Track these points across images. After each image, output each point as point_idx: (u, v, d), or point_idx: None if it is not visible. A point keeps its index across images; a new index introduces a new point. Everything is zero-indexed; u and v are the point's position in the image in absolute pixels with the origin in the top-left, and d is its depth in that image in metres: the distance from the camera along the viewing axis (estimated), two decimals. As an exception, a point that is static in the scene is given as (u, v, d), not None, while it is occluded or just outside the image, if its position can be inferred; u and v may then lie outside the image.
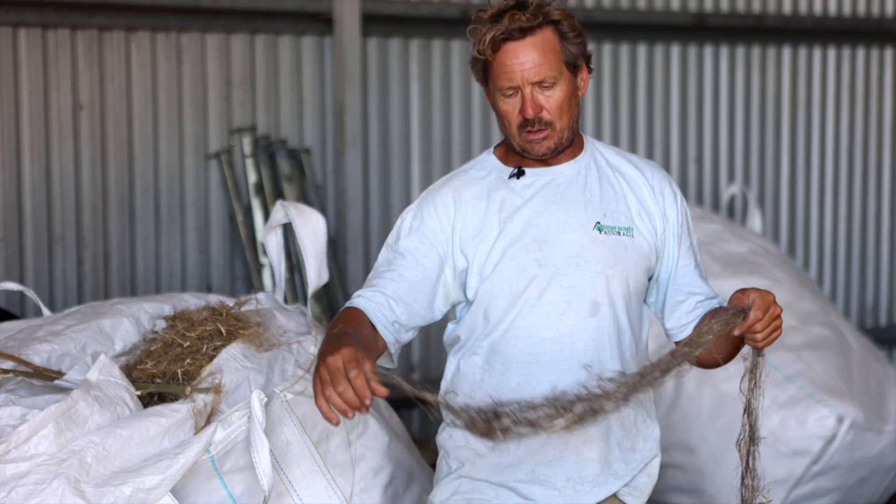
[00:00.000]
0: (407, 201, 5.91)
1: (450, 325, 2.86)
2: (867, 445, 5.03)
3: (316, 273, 3.34)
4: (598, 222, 2.76)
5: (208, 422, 2.89)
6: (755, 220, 6.21)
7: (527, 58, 2.66)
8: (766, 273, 5.48)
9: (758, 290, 2.62)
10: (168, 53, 5.38)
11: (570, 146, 2.79)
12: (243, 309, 3.25)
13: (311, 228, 3.35)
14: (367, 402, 2.25)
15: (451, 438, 2.81)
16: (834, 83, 7.03)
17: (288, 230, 3.60)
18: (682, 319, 2.81)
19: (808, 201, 7.02)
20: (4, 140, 5.10)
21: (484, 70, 2.73)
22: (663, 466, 5.09)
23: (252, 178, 5.50)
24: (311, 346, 3.21)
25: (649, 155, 6.57)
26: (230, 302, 3.28)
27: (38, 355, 3.13)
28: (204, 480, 2.85)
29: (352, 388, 2.25)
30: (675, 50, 6.61)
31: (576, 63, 2.74)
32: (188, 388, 2.91)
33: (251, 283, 5.46)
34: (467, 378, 2.80)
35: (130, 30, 5.30)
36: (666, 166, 6.61)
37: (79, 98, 5.23)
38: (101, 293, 5.27)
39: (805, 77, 6.95)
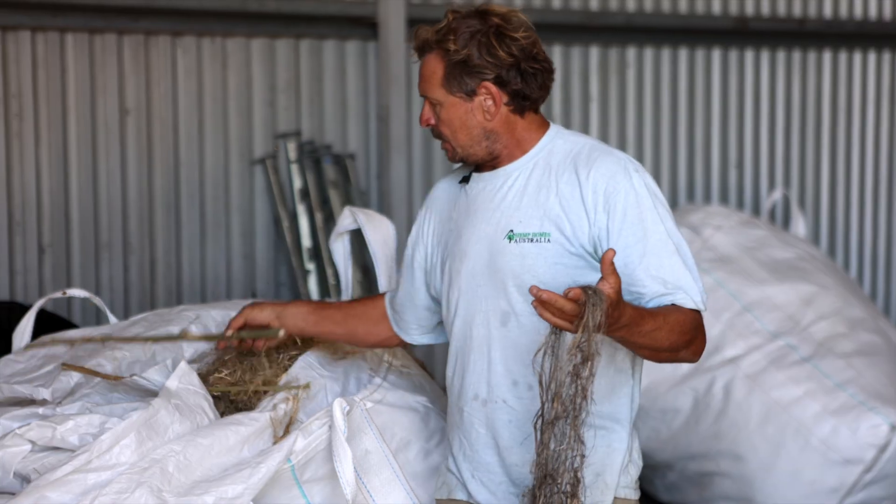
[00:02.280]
0: (450, 206, 5.88)
1: None
2: (922, 453, 4.99)
3: (386, 279, 3.32)
4: (512, 230, 2.73)
5: (287, 431, 2.86)
6: (799, 226, 6.17)
7: (421, 72, 2.76)
8: (813, 279, 5.44)
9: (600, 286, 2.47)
10: (213, 58, 5.36)
11: (495, 158, 2.78)
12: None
13: (381, 235, 3.33)
14: None
15: None
16: (874, 87, 6.99)
17: (353, 237, 3.56)
18: None
19: (848, 206, 6.98)
20: (52, 145, 5.09)
21: None
22: (711, 475, 5.11)
23: (297, 183, 5.47)
24: (385, 354, 3.18)
25: (690, 160, 6.54)
26: (303, 309, 3.24)
27: (110, 362, 3.10)
28: (284, 490, 2.83)
29: None
30: (717, 54, 6.59)
31: (469, 89, 2.71)
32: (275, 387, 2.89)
33: (296, 289, 5.44)
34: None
35: (176, 34, 5.28)
36: (707, 171, 6.58)
37: (125, 103, 5.21)
38: (147, 299, 5.25)
39: (846, 81, 6.92)
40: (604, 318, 2.40)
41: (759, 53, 6.69)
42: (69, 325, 4.10)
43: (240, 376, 2.96)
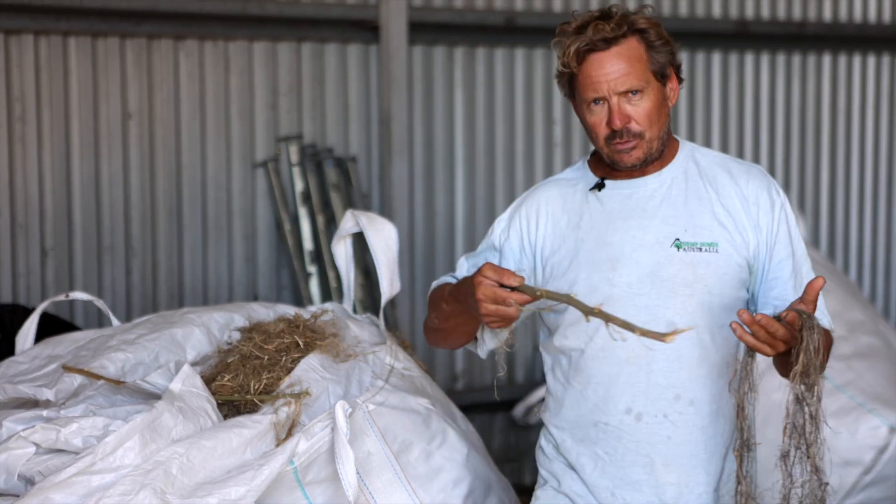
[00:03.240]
0: (451, 209, 5.90)
1: (542, 333, 2.86)
2: (921, 455, 5.00)
3: (388, 282, 3.34)
4: (678, 238, 2.68)
5: (289, 433, 2.88)
6: (800, 229, 6.18)
7: (612, 68, 2.63)
8: (813, 281, 5.45)
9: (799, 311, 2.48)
10: (215, 62, 5.37)
11: (659, 157, 2.73)
12: (320, 320, 3.23)
13: (384, 238, 3.34)
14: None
15: (543, 453, 2.86)
16: (874, 90, 7.01)
17: (355, 240, 3.58)
18: None
19: (848, 209, 6.99)
20: (54, 148, 5.10)
21: (570, 83, 2.71)
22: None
23: (299, 186, 5.48)
24: (387, 357, 3.20)
25: (690, 162, 6.55)
26: (305, 313, 3.26)
27: (113, 364, 3.12)
28: (286, 492, 2.84)
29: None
30: (717, 57, 6.60)
31: (663, 72, 2.69)
32: (273, 395, 2.90)
33: (298, 292, 5.45)
34: (551, 394, 2.82)
35: (178, 38, 5.29)
36: (707, 174, 6.59)
37: (128, 107, 5.22)
38: (148, 302, 5.26)
39: (846, 84, 6.93)
40: (821, 343, 2.38)
41: (759, 56, 6.71)
42: (72, 327, 4.12)
43: (242, 380, 2.97)
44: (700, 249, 2.67)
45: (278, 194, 5.46)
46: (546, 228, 2.77)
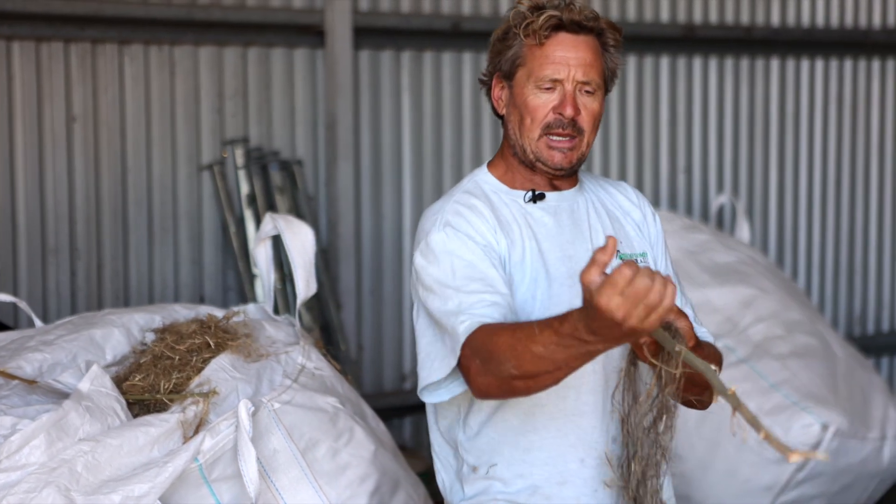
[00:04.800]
0: (398, 212, 5.96)
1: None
2: (851, 452, 5.09)
3: (304, 284, 3.40)
4: (618, 251, 2.51)
5: (197, 431, 2.94)
6: (743, 230, 6.27)
7: (580, 53, 2.44)
8: (753, 282, 5.54)
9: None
10: (161, 66, 5.43)
11: (575, 172, 2.56)
12: (233, 321, 3.30)
13: (300, 240, 3.41)
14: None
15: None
16: (822, 94, 7.09)
17: (278, 242, 3.65)
18: None
19: (796, 211, 7.07)
20: (-1, 152, 5.15)
21: (515, 60, 2.48)
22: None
23: (244, 189, 5.55)
24: (300, 357, 3.26)
25: (639, 165, 6.63)
26: (219, 314, 3.33)
27: (30, 364, 3.17)
28: (192, 489, 2.91)
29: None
30: (665, 61, 6.68)
31: (608, 83, 2.54)
32: (181, 395, 2.96)
33: (244, 293, 5.51)
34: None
35: (123, 43, 5.35)
36: (655, 177, 6.67)
37: (72, 110, 5.28)
38: (94, 304, 5.31)
39: (793, 88, 7.02)
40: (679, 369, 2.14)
41: (707, 60, 6.79)
42: (4, 327, 4.17)
43: (153, 380, 3.04)
44: (637, 261, 2.52)
45: (224, 197, 5.52)
46: (501, 233, 2.46)
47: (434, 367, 2.37)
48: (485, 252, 2.41)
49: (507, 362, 2.20)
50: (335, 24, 5.65)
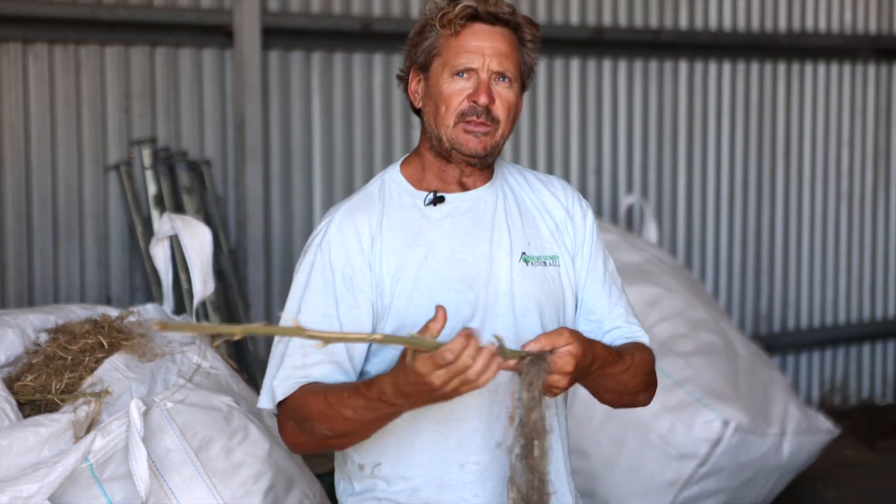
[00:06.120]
0: (308, 212, 5.97)
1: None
2: (752, 448, 5.19)
3: (201, 284, 3.40)
4: (524, 253, 2.50)
5: (88, 431, 2.94)
6: (651, 231, 6.36)
7: (494, 43, 2.47)
8: (658, 282, 5.62)
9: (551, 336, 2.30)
10: (66, 65, 5.39)
11: (491, 163, 2.56)
12: (127, 321, 3.29)
13: (198, 241, 3.41)
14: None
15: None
16: (729, 97, 7.21)
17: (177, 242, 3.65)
18: None
19: (704, 212, 7.18)
20: None
21: (430, 51, 2.50)
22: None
23: (152, 189, 5.52)
24: (195, 356, 3.27)
25: (549, 166, 6.69)
26: (114, 314, 3.33)
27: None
28: (84, 488, 2.90)
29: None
30: (575, 64, 6.75)
31: (524, 78, 2.55)
32: (73, 395, 2.95)
33: (151, 294, 5.49)
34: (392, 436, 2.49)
35: (27, 42, 5.30)
36: (566, 177, 6.73)
37: (-25, 110, 5.22)
38: (-3, 305, 5.27)
39: (701, 90, 7.13)
40: (540, 389, 2.20)
41: (617, 63, 6.87)
42: None
43: (45, 380, 3.03)
44: (545, 264, 2.52)
45: (131, 197, 5.49)
46: (383, 246, 2.46)
47: (263, 390, 2.47)
48: (336, 290, 2.43)
49: (321, 425, 2.34)
50: (244, 24, 5.64)
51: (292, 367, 2.39)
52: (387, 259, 2.45)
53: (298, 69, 5.94)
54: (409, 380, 2.16)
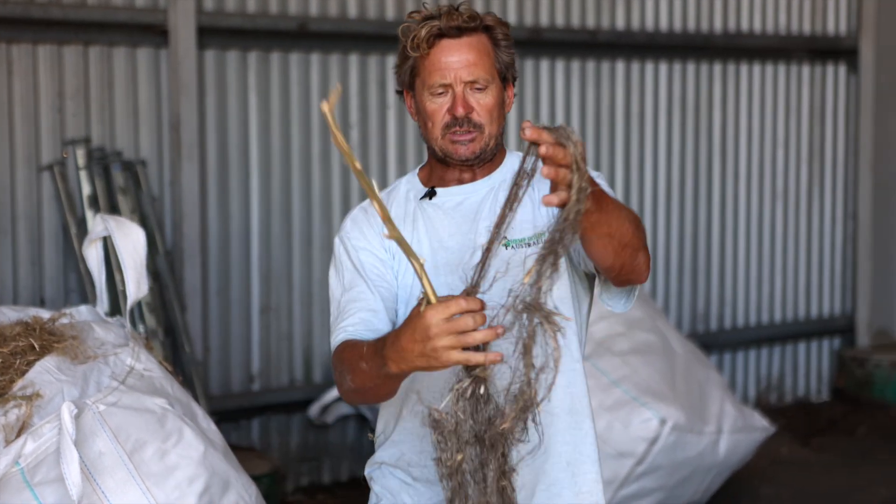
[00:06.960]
0: (245, 212, 5.94)
1: None
2: (689, 446, 5.23)
3: (135, 285, 3.37)
4: (506, 238, 2.58)
5: (20, 435, 2.90)
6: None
7: (462, 56, 2.62)
8: (596, 281, 5.65)
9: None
10: (-2, 64, 5.32)
11: (491, 159, 2.71)
12: (59, 323, 3.25)
13: (131, 241, 3.38)
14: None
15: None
16: (665, 96, 7.27)
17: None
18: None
19: (641, 211, 7.23)
20: None
21: (412, 72, 2.68)
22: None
23: (86, 190, 5.46)
24: (129, 358, 3.23)
25: (487, 166, 6.70)
26: (46, 316, 3.28)
27: None
28: (14, 493, 2.86)
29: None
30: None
31: (506, 74, 2.70)
32: (3, 398, 2.91)
33: (85, 295, 5.42)
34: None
35: (-42, 41, 5.24)
36: (503, 177, 6.74)
37: None
38: (-72, 307, 5.17)
39: (638, 90, 7.17)
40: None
41: (554, 63, 6.90)
42: None
43: (-25, 382, 2.99)
44: (528, 245, 2.65)
45: (65, 198, 5.43)
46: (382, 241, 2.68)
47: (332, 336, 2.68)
48: (363, 265, 2.68)
49: (346, 375, 2.51)
50: (179, 23, 5.60)
51: (342, 323, 2.62)
52: (387, 245, 2.69)
53: (234, 69, 5.90)
54: (408, 327, 2.24)
